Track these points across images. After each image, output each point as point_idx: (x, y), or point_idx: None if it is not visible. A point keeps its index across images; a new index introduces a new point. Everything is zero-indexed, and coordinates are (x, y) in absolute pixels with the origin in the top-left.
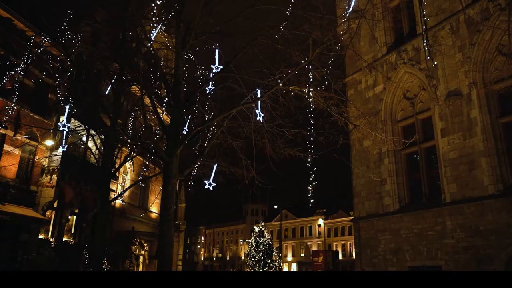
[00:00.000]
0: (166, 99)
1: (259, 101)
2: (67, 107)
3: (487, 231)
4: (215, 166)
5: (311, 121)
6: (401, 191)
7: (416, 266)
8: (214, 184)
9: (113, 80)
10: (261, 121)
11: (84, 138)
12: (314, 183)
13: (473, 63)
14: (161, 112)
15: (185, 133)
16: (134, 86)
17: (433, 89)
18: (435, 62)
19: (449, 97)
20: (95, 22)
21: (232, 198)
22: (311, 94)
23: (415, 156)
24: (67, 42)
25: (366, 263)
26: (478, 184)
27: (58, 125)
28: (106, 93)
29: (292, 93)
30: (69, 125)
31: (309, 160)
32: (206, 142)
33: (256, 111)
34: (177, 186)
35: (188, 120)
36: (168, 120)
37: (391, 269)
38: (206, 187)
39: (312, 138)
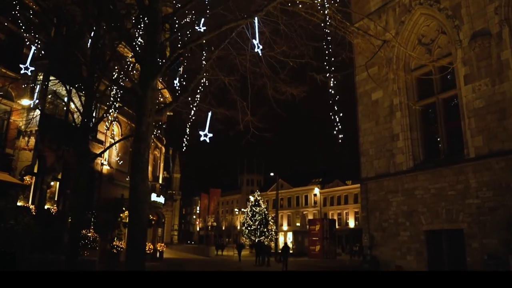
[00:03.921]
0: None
1: (256, 19)
2: (33, 47)
3: None
4: (210, 113)
5: (329, 37)
6: (415, 148)
7: (433, 231)
8: (211, 135)
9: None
10: (260, 53)
11: (65, 99)
12: (340, 115)
13: None
14: (136, 33)
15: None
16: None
17: (455, 30)
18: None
19: (474, 38)
20: None
21: (228, 168)
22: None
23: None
24: None
25: (375, 228)
26: (509, 135)
27: (20, 67)
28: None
29: (299, 10)
30: (32, 68)
31: (332, 79)
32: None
33: (254, 42)
34: (171, 155)
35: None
36: None
37: (404, 233)
38: (202, 139)
39: (333, 58)
